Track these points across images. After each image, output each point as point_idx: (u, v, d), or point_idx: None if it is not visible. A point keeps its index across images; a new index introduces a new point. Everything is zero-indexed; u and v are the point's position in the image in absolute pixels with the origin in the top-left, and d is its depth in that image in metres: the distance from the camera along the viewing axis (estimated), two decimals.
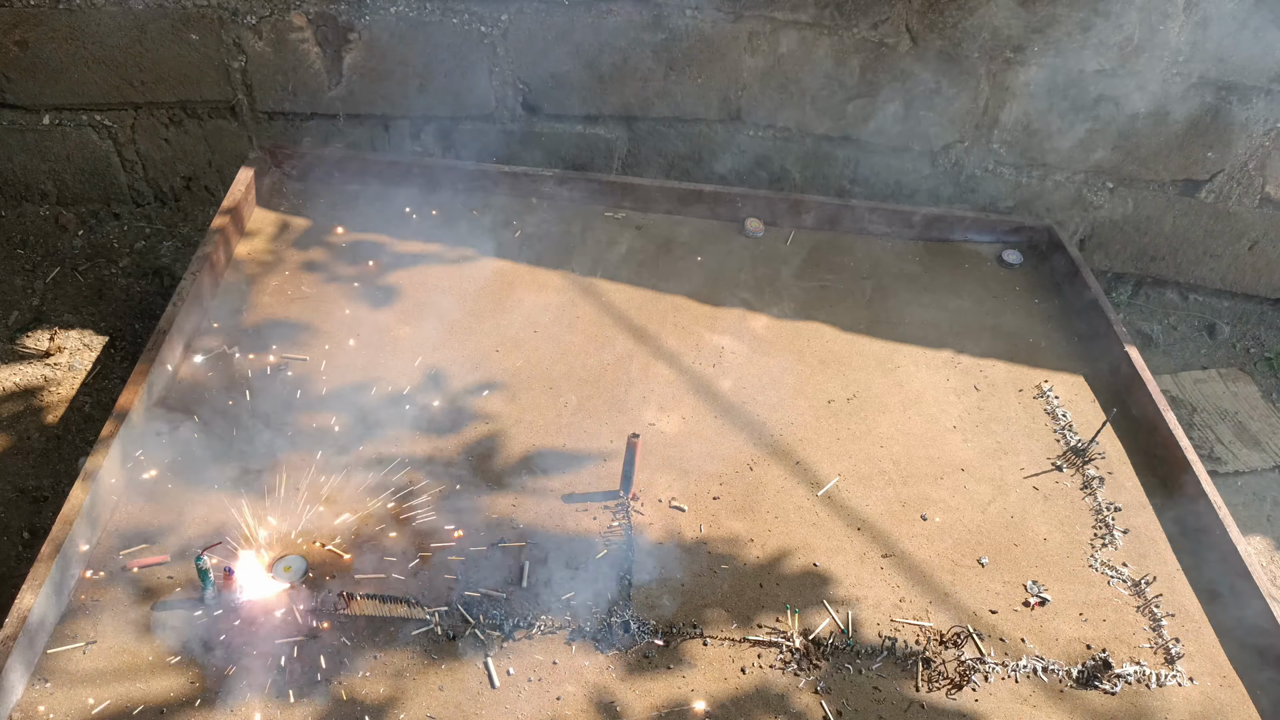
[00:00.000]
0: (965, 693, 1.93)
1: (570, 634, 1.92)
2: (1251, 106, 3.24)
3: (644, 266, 2.92)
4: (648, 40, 3.21)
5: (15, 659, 1.68)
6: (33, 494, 2.50)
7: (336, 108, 3.34)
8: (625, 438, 2.15)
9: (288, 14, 3.12)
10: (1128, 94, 3.25)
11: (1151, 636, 2.09)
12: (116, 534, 1.99)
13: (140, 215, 3.50)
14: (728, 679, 1.89)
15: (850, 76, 3.30)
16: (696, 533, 2.17)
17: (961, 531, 2.26)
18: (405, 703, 1.77)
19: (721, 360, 2.65)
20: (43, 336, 2.95)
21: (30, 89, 3.20)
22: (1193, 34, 3.11)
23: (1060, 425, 2.59)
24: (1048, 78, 3.25)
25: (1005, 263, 3.13)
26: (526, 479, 2.22)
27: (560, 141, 3.47)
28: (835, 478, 2.35)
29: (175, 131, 3.38)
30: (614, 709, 1.81)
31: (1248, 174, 3.40)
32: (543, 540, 2.10)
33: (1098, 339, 2.85)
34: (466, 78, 3.29)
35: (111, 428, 2.05)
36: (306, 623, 1.86)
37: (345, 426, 2.28)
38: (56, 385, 2.81)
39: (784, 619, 2.01)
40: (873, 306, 2.89)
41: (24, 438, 2.64)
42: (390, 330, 2.58)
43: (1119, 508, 2.38)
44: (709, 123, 3.46)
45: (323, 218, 2.93)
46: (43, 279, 3.17)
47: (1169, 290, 3.75)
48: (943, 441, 2.49)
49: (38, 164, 3.39)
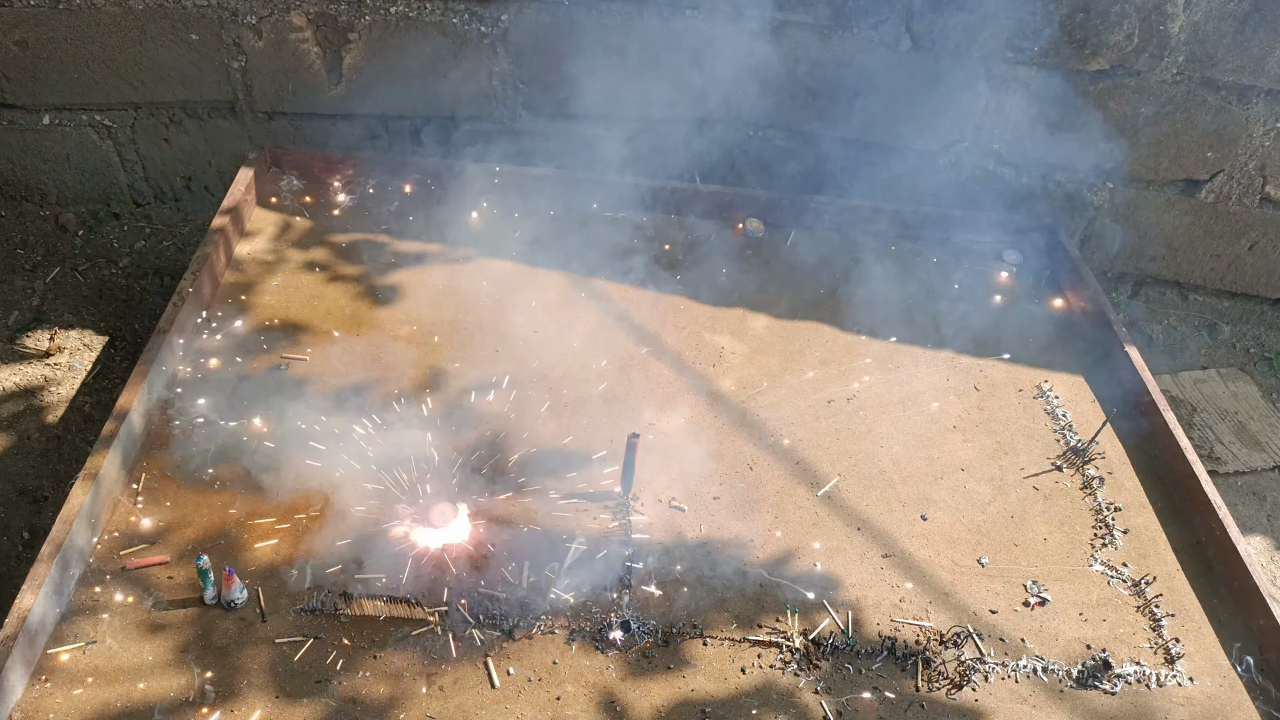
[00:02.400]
0: (965, 693, 1.93)
1: (570, 634, 1.92)
2: (1251, 106, 3.24)
3: (645, 267, 2.91)
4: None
5: (15, 659, 1.68)
6: (33, 494, 2.50)
7: (336, 108, 3.34)
8: (625, 438, 2.15)
9: (288, 14, 3.12)
10: (1127, 94, 3.25)
11: (1151, 636, 2.09)
12: (116, 534, 1.99)
13: (140, 215, 3.50)
14: (728, 679, 1.89)
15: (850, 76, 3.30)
16: (696, 533, 2.17)
17: (961, 531, 2.26)
18: (405, 703, 1.78)
19: (721, 360, 2.65)
20: (43, 336, 2.95)
21: (30, 89, 3.20)
22: (1193, 33, 3.11)
23: (1060, 425, 2.59)
24: (1044, 78, 3.24)
25: (1005, 262, 3.13)
26: (526, 479, 2.22)
27: (561, 141, 3.47)
28: (835, 478, 2.35)
29: (175, 131, 3.38)
30: (614, 709, 1.81)
31: (1248, 174, 3.40)
32: (543, 540, 2.10)
33: (1098, 339, 2.85)
34: (466, 78, 3.29)
35: (111, 427, 2.05)
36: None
37: (345, 425, 2.28)
38: (56, 385, 2.81)
39: (784, 619, 2.01)
40: (873, 306, 2.89)
41: (24, 438, 2.64)
42: (390, 330, 2.58)
43: (1119, 508, 2.38)
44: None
45: (323, 218, 2.93)
46: (43, 279, 3.17)
47: (1169, 290, 3.74)
48: (943, 441, 2.49)
49: (38, 164, 3.39)
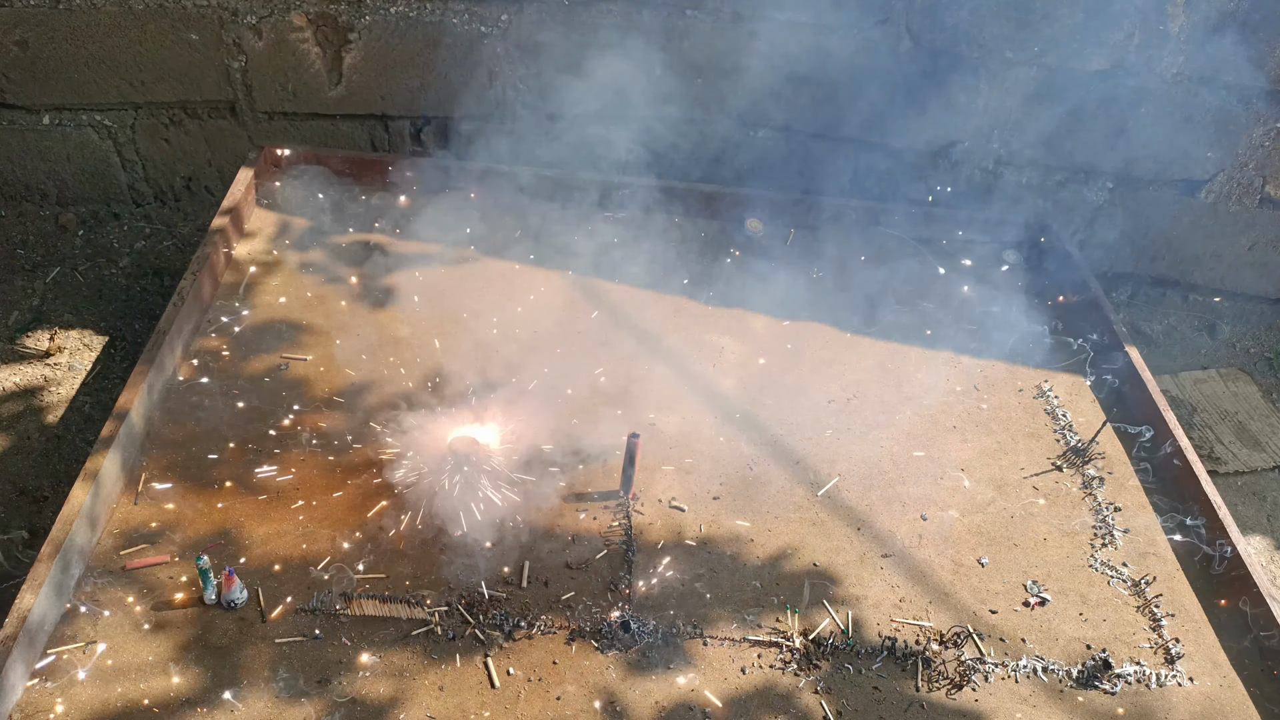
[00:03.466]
0: (965, 693, 1.93)
1: (570, 634, 1.92)
2: (1251, 106, 3.24)
3: (644, 266, 2.91)
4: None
5: (15, 659, 1.68)
6: (33, 494, 2.50)
7: (336, 108, 3.34)
8: (625, 438, 2.15)
9: (288, 14, 3.12)
10: (1127, 94, 3.24)
11: (1151, 636, 2.09)
12: (116, 534, 1.99)
13: (140, 215, 3.50)
14: (728, 679, 1.89)
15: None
16: (696, 533, 2.17)
17: (961, 531, 2.26)
18: (405, 703, 1.77)
19: (721, 360, 2.65)
20: (43, 336, 2.95)
21: (30, 89, 3.20)
22: (1192, 33, 3.11)
23: (1060, 425, 2.58)
24: (1045, 78, 3.24)
25: (1005, 262, 3.13)
26: (526, 479, 2.22)
27: (561, 141, 3.47)
28: (835, 478, 2.35)
29: (175, 131, 3.38)
30: (614, 709, 1.81)
31: (1248, 174, 3.40)
32: (543, 540, 2.10)
33: (1098, 339, 2.85)
34: (466, 78, 3.29)
35: (111, 427, 2.05)
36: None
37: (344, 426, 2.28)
38: (56, 385, 2.81)
39: (784, 619, 2.01)
40: (873, 306, 2.89)
41: (24, 438, 2.64)
42: (390, 330, 2.58)
43: (1119, 508, 2.38)
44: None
45: (323, 218, 2.93)
46: (43, 279, 3.17)
47: (1169, 290, 3.75)
48: (943, 441, 2.49)
49: (38, 164, 3.38)
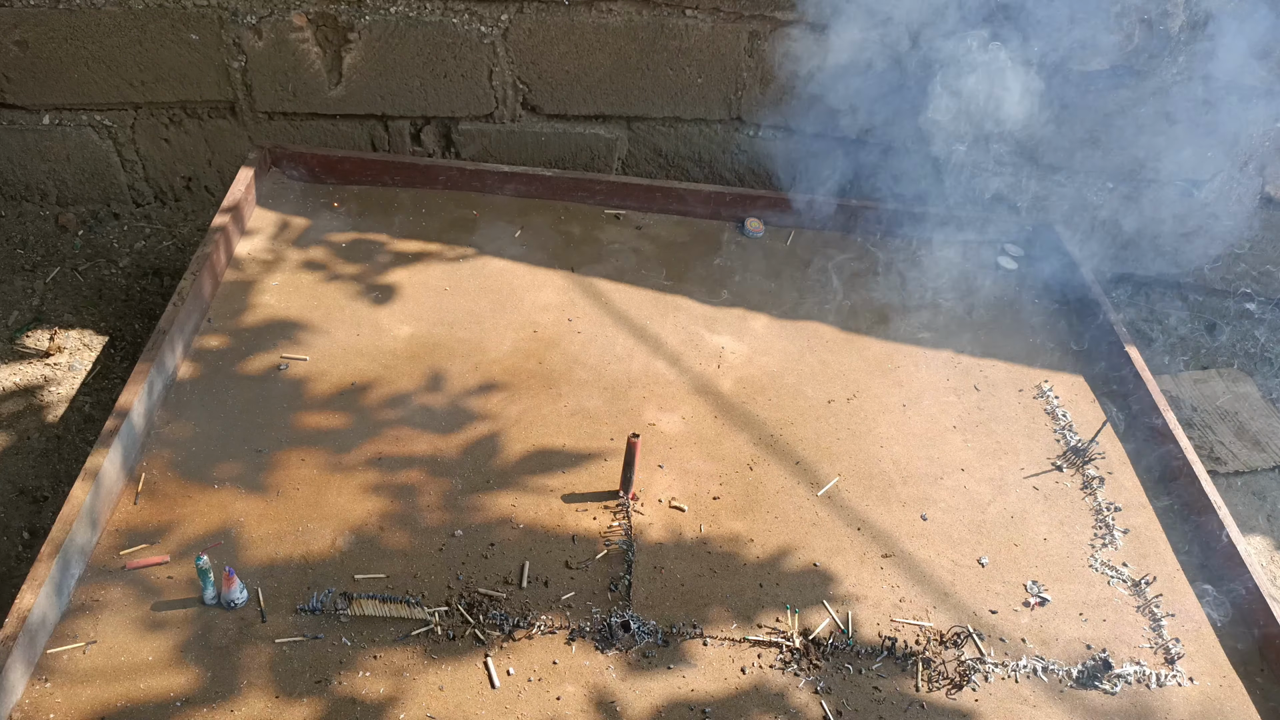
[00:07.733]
0: (965, 693, 1.93)
1: (570, 634, 1.92)
2: (1251, 106, 3.24)
3: (644, 266, 2.92)
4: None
5: (15, 659, 1.68)
6: (33, 494, 2.50)
7: (336, 108, 3.34)
8: (625, 438, 2.15)
9: (288, 14, 3.12)
10: (1127, 93, 3.24)
11: (1151, 636, 2.09)
12: (116, 534, 1.99)
13: (140, 215, 3.50)
14: (728, 679, 1.89)
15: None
16: (696, 533, 2.17)
17: (961, 531, 2.26)
18: (405, 703, 1.77)
19: (721, 360, 2.65)
20: (43, 336, 2.95)
21: (30, 89, 3.20)
22: (1192, 33, 3.11)
23: (1060, 425, 2.59)
24: (1043, 77, 3.24)
25: (1006, 261, 3.13)
26: (526, 479, 2.22)
27: (561, 141, 3.47)
28: (835, 478, 2.35)
29: (175, 131, 3.38)
30: (614, 709, 1.81)
31: (1248, 174, 3.40)
32: (543, 540, 2.10)
33: (1098, 339, 2.85)
34: (466, 78, 3.29)
35: (112, 427, 2.05)
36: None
37: (344, 425, 2.28)
38: (56, 385, 2.81)
39: (784, 619, 2.01)
40: (873, 306, 2.89)
41: (24, 438, 2.64)
42: (390, 330, 2.58)
43: (1119, 508, 2.38)
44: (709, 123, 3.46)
45: (323, 218, 2.93)
46: (43, 279, 3.17)
47: (1169, 290, 3.75)
48: (943, 441, 2.49)
49: (38, 164, 3.38)
